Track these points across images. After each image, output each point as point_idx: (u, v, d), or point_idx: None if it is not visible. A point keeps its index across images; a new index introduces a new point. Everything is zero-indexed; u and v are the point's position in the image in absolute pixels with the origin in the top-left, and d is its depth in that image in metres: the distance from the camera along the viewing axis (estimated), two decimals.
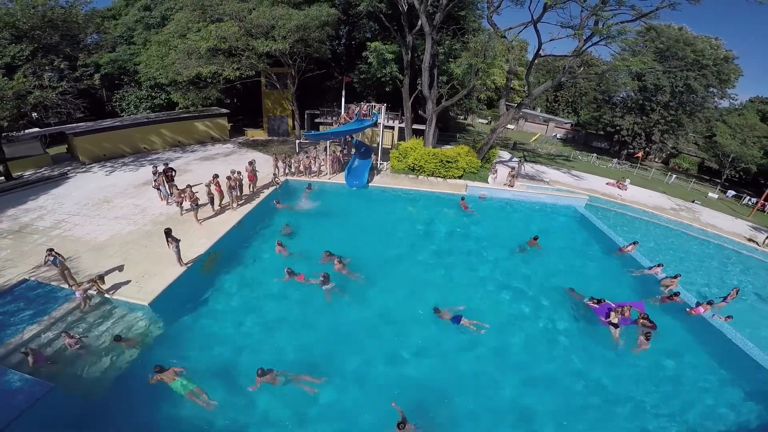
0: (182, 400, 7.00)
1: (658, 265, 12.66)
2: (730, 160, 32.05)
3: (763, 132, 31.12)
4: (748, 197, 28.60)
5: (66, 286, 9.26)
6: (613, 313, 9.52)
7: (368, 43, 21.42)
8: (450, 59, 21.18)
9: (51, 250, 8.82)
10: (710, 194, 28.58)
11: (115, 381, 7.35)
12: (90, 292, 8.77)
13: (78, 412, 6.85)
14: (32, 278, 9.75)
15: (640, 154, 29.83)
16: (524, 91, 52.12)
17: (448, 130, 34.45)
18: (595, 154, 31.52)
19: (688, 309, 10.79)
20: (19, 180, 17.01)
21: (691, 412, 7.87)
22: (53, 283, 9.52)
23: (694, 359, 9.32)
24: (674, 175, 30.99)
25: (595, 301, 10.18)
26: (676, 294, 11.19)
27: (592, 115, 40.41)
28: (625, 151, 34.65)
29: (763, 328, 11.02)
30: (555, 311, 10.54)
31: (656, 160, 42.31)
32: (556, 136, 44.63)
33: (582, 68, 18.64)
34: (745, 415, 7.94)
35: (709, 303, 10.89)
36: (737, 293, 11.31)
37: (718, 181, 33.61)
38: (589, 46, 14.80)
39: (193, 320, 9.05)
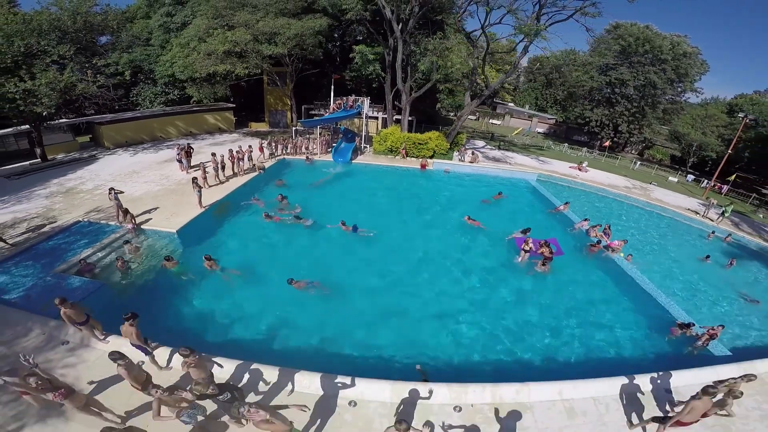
0: (180, 279, 10.24)
1: (585, 219, 15.62)
2: (693, 148, 34.87)
3: (721, 122, 33.95)
4: (707, 181, 31.38)
5: (113, 222, 12.36)
6: (524, 244, 12.45)
7: (354, 46, 24.66)
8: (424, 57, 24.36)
9: (112, 188, 11.95)
10: (671, 178, 31.40)
11: (145, 279, 10.33)
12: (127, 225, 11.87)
13: (119, 302, 9.45)
14: (84, 220, 12.79)
15: (608, 143, 32.70)
16: (511, 87, 54.81)
17: (436, 123, 37.50)
18: (566, 144, 34.46)
19: (595, 247, 13.82)
20: (54, 161, 20.16)
21: (578, 313, 10.53)
22: (102, 221, 12.61)
23: (595, 282, 12.19)
24: (639, 162, 33.82)
25: (523, 231, 13.20)
26: (599, 242, 14.17)
27: (546, 105, 43.32)
28: (598, 142, 37.56)
29: (672, 273, 13.64)
30: (478, 240, 13.93)
31: (632, 151, 45.16)
32: (531, 128, 47.50)
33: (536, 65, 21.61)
34: (623, 320, 10.48)
35: (624, 241, 13.91)
36: (609, 227, 14.83)
37: (684, 169, 36.39)
38: (522, 43, 17.82)
39: (204, 243, 12.12)
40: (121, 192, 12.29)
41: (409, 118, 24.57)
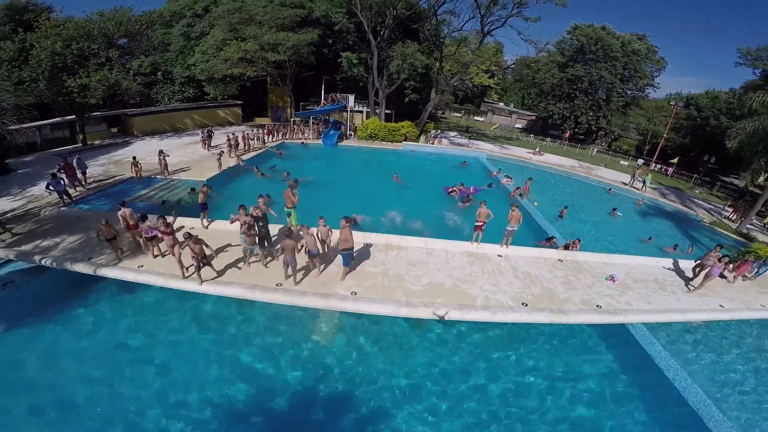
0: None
1: (508, 178, 20.48)
2: (648, 137, 39.34)
3: (669, 112, 38.39)
4: (655, 164, 35.86)
5: (160, 176, 17.15)
6: (450, 189, 17.27)
7: (342, 53, 29.63)
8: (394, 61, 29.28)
9: (161, 151, 16.75)
10: (622, 162, 35.86)
11: (183, 202, 15.21)
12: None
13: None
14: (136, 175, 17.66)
15: (568, 134, 37.20)
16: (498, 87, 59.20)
17: (418, 118, 42.28)
18: (532, 135, 39.06)
19: (514, 192, 18.49)
20: (94, 145, 24.68)
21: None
22: (151, 176, 17.42)
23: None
24: (597, 149, 38.30)
25: (489, 185, 18.27)
26: (519, 192, 18.79)
27: (531, 104, 48.07)
28: (565, 133, 42.12)
29: (574, 214, 18.08)
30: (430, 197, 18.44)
31: (602, 144, 49.58)
32: (511, 124, 52.17)
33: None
34: None
35: (530, 179, 18.94)
36: (530, 182, 19.19)
37: (638, 155, 40.80)
38: (459, 47, 22.59)
39: (225, 189, 16.86)
40: (168, 155, 17.14)
41: (388, 111, 29.36)
